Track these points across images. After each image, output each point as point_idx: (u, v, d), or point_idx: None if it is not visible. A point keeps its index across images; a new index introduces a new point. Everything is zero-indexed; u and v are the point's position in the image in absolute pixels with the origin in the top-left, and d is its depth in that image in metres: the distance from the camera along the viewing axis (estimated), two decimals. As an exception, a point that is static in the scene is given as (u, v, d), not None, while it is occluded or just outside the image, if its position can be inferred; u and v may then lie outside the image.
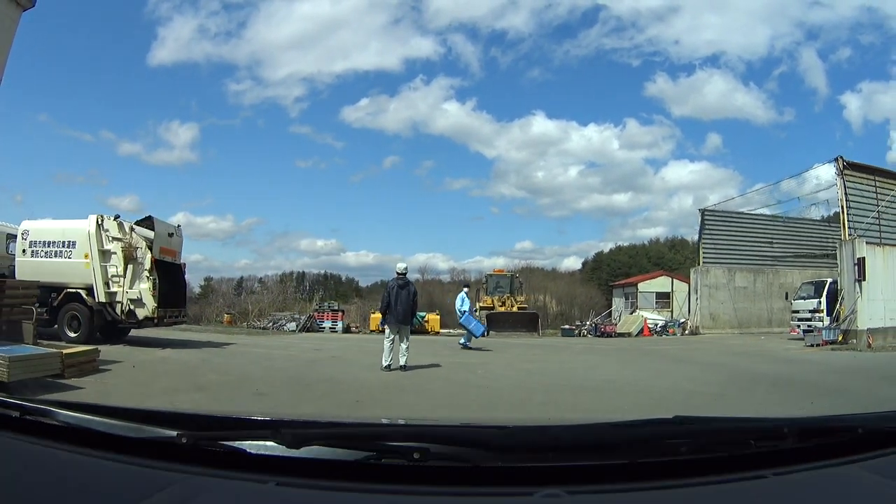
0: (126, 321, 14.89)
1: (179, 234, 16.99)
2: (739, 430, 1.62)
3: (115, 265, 14.84)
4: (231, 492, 1.31)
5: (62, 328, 14.80)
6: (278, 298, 62.01)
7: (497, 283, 32.13)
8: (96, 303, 14.80)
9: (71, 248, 15.33)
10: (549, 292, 63.69)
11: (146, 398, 7.96)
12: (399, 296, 11.55)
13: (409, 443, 1.41)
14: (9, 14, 11.06)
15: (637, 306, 35.43)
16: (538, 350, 19.15)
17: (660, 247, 75.77)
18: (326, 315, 29.64)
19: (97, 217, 15.09)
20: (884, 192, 21.65)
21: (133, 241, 14.95)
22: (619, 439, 1.49)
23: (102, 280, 14.82)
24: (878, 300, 19.94)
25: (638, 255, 75.35)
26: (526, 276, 60.34)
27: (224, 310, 43.00)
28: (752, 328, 28.56)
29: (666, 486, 1.34)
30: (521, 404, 8.66)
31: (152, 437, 1.46)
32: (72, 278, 15.02)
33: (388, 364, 11.33)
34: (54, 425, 1.57)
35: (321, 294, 69.11)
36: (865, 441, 1.58)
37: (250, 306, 51.26)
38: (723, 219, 31.25)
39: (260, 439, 1.43)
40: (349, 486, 1.30)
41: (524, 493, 1.26)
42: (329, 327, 28.60)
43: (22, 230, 15.87)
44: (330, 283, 77.30)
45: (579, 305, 55.35)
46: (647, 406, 8.39)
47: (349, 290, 71.48)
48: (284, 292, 69.84)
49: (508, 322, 27.80)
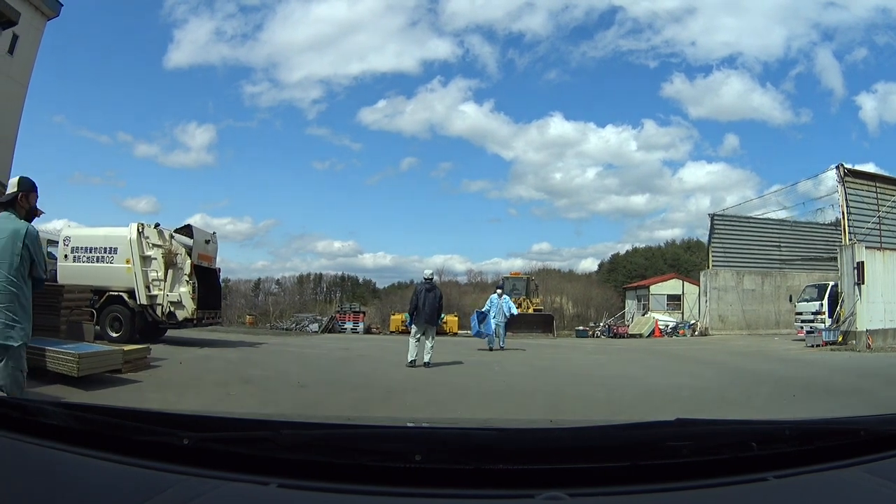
0: (166, 322, 15.84)
1: (215, 241, 18.14)
2: (741, 433, 1.62)
3: (156, 270, 15.76)
4: (232, 493, 1.32)
5: (105, 328, 15.62)
6: (295, 300, 62.92)
7: (513, 285, 33.06)
8: (137, 305, 15.65)
9: (113, 254, 16.21)
10: (566, 294, 63.85)
11: (201, 390, 8.96)
12: (426, 298, 12.86)
13: (411, 445, 1.44)
14: (34, 25, 11.49)
15: (648, 308, 36.13)
16: (551, 350, 20.12)
17: (676, 248, 75.57)
18: (348, 316, 30.54)
19: (138, 225, 15.99)
20: (885, 197, 22.29)
21: (173, 247, 16.00)
22: (620, 441, 1.50)
23: (144, 284, 15.70)
24: (879, 302, 20.53)
25: (654, 256, 75.58)
26: (543, 277, 60.69)
27: (246, 311, 44.15)
28: (760, 329, 29.20)
29: (667, 489, 1.35)
30: (533, 393, 9.74)
31: (153, 439, 1.48)
32: (114, 282, 15.83)
33: (412, 360, 12.49)
34: (55, 426, 1.58)
35: (339, 296, 69.93)
36: (867, 444, 1.58)
37: (271, 308, 52.54)
38: (732, 223, 31.93)
39: (261, 441, 1.47)
40: (351, 489, 1.32)
41: (525, 495, 1.27)
42: (351, 328, 29.48)
43: (63, 237, 16.77)
44: (347, 284, 77.69)
45: (595, 307, 55.44)
46: (638, 396, 9.50)
47: (366, 292, 71.86)
48: (302, 294, 70.56)
49: (524, 323, 28.58)
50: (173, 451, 1.43)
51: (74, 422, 1.60)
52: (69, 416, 1.62)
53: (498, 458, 1.36)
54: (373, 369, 12.76)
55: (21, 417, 1.65)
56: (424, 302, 12.84)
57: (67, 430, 1.55)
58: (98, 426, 1.57)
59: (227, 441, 1.48)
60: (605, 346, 22.53)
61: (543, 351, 19.07)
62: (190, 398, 8.28)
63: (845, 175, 21.57)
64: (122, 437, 1.50)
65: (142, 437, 1.48)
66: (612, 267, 77.41)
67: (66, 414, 1.64)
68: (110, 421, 1.61)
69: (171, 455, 1.42)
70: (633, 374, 12.86)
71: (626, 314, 38.77)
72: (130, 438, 1.48)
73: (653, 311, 34.29)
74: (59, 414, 1.64)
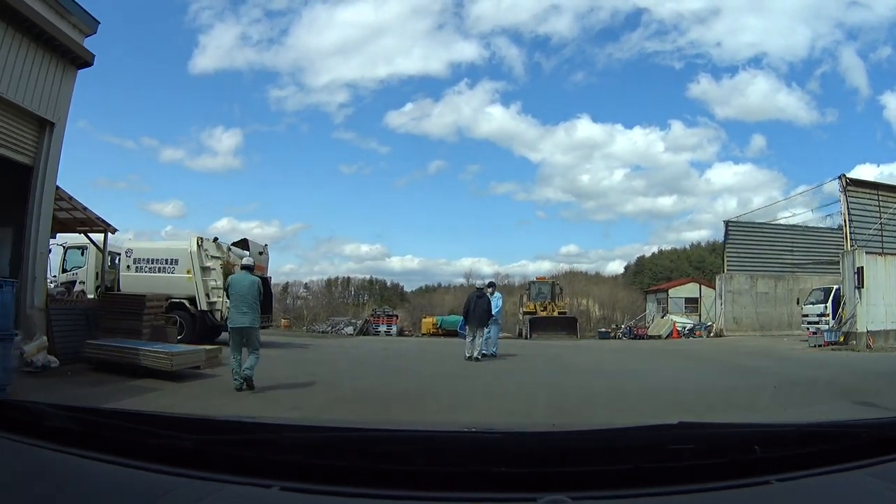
0: (224, 325, 17.71)
1: (267, 252, 20.18)
2: (743, 436, 1.61)
3: (215, 279, 17.55)
4: (235, 496, 1.32)
5: (167, 332, 17.63)
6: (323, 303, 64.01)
7: (539, 289, 34.91)
8: (198, 311, 17.47)
9: (174, 265, 18.01)
10: (592, 297, 64.65)
11: (275, 382, 10.45)
12: (476, 304, 15.13)
13: (413, 448, 1.46)
14: (67, 81, 12.17)
15: (667, 311, 37.31)
16: (574, 349, 21.92)
17: (701, 251, 75.52)
18: (382, 319, 32.59)
19: (197, 238, 17.83)
20: (886, 205, 23.55)
21: (231, 259, 17.95)
22: (623, 444, 1.49)
23: (204, 291, 17.53)
24: (880, 305, 21.75)
25: (679, 259, 76.15)
26: (569, 280, 61.19)
27: (280, 314, 45.88)
28: (773, 331, 30.29)
29: (670, 492, 1.35)
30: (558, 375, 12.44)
31: (156, 441, 1.49)
32: (175, 290, 17.37)
33: (469, 355, 14.76)
34: (58, 428, 1.60)
35: (367, 299, 70.88)
36: (870, 447, 1.58)
37: (305, 311, 54.34)
38: (746, 229, 33.33)
39: (264, 443, 1.49)
40: (353, 492, 1.32)
41: (528, 498, 1.27)
42: (384, 331, 31.33)
43: (125, 249, 18.55)
44: (375, 288, 78.62)
45: (621, 309, 56.33)
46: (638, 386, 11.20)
47: (394, 295, 72.92)
48: (330, 297, 71.54)
49: (549, 326, 30.54)
50: (176, 453, 1.45)
51: (76, 424, 1.62)
52: (71, 419, 1.65)
53: (500, 461, 1.37)
54: (414, 364, 14.96)
55: (23, 419, 1.66)
56: (475, 308, 15.04)
57: (70, 433, 1.57)
58: (100, 428, 1.59)
59: (229, 444, 1.49)
60: (623, 347, 24.31)
61: (566, 350, 20.72)
62: (271, 387, 9.80)
63: (847, 185, 22.92)
64: (124, 439, 1.52)
65: (144, 440, 1.49)
66: (637, 269, 78.17)
67: (68, 416, 1.67)
68: (112, 423, 1.65)
69: (174, 458, 1.43)
70: (639, 369, 14.55)
71: (647, 316, 39.96)
72: (133, 441, 1.50)
73: (671, 314, 35.48)
74: (61, 416, 1.67)
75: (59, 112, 12.14)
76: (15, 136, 11.31)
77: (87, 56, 12.53)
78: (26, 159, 11.66)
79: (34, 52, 11.24)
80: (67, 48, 11.84)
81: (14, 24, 10.62)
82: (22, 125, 11.48)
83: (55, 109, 12.01)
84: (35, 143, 11.85)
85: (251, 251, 18.83)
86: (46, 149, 11.92)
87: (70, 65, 12.23)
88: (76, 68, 12.47)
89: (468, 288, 66.30)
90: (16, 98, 10.89)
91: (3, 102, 10.67)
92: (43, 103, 11.67)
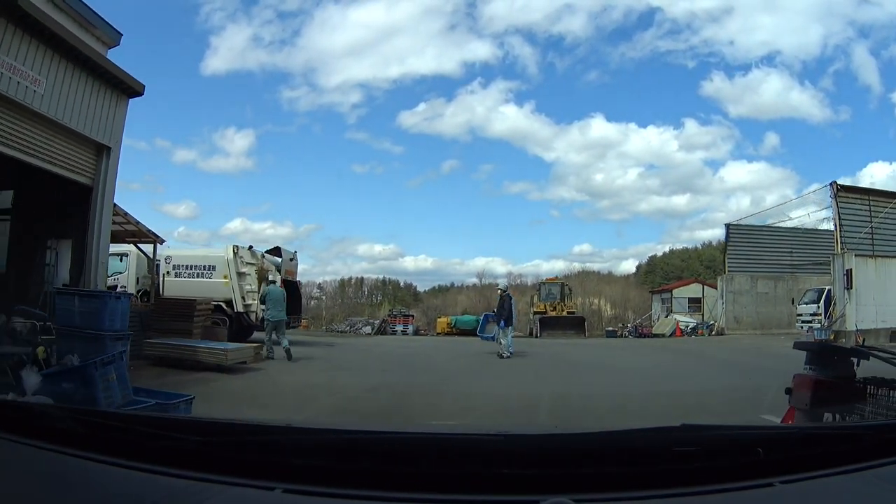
0: (260, 326, 19.29)
1: (296, 258, 21.90)
2: (747, 438, 1.60)
3: (250, 284, 19.22)
4: (237, 498, 1.33)
5: (204, 331, 19.20)
6: (338, 303, 64.87)
7: (549, 290, 36.36)
8: (234, 312, 18.96)
9: (211, 271, 19.54)
10: (604, 296, 65.54)
11: (313, 375, 12.07)
12: (512, 305, 16.87)
13: (416, 450, 1.46)
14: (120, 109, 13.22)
15: (671, 310, 38.55)
16: (581, 346, 23.53)
17: (712, 250, 73.84)
18: (398, 319, 34.16)
19: (233, 247, 19.36)
20: (877, 209, 24.79)
21: (265, 265, 19.63)
22: (625, 446, 1.49)
23: (240, 295, 19.07)
24: (870, 305, 23.00)
25: (690, 258, 76.23)
26: (582, 280, 61.95)
27: (300, 315, 47.30)
28: (773, 330, 30.98)
29: (672, 494, 1.34)
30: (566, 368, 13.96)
31: (158, 443, 1.49)
32: (212, 294, 18.66)
33: (509, 355, 16.03)
34: (61, 429, 1.61)
35: (380, 299, 71.50)
36: (873, 449, 1.58)
37: (324, 312, 55.86)
38: (746, 231, 34.54)
39: (266, 445, 1.48)
40: (356, 494, 1.31)
41: (530, 500, 1.27)
42: (401, 330, 32.69)
43: (164, 256, 19.92)
44: (388, 288, 79.09)
45: (633, 308, 57.01)
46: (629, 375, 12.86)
47: (408, 295, 73.58)
48: (343, 297, 72.41)
49: (558, 325, 31.95)
50: (179, 455, 1.45)
51: (79, 425, 1.63)
52: (74, 420, 1.66)
53: (503, 463, 1.37)
54: (434, 360, 16.50)
55: (25, 421, 1.69)
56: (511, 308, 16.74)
57: (72, 434, 1.58)
58: (103, 430, 1.61)
59: (232, 445, 1.49)
60: (627, 345, 25.85)
61: (574, 348, 22.09)
62: (311, 377, 11.55)
63: (838, 191, 24.32)
64: (127, 440, 1.53)
65: (147, 441, 1.50)
66: (649, 269, 78.57)
67: (71, 417, 1.68)
68: (115, 424, 1.68)
69: (177, 459, 1.44)
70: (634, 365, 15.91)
71: (653, 316, 41.20)
72: (135, 442, 1.51)
73: (675, 313, 36.75)
74: (64, 418, 1.68)
75: (114, 137, 13.52)
76: (76, 160, 12.60)
77: (138, 87, 13.98)
78: (86, 180, 12.94)
79: (91, 84, 12.44)
80: (120, 80, 13.17)
81: (71, 59, 11.70)
82: (82, 150, 12.75)
83: (111, 135, 13.29)
84: (94, 165, 13.12)
85: (283, 258, 20.60)
86: (104, 171, 13.24)
87: (122, 94, 13.55)
88: (128, 97, 13.91)
89: (481, 288, 67.70)
90: (77, 126, 12.06)
91: (66, 130, 11.89)
92: (100, 130, 12.89)
